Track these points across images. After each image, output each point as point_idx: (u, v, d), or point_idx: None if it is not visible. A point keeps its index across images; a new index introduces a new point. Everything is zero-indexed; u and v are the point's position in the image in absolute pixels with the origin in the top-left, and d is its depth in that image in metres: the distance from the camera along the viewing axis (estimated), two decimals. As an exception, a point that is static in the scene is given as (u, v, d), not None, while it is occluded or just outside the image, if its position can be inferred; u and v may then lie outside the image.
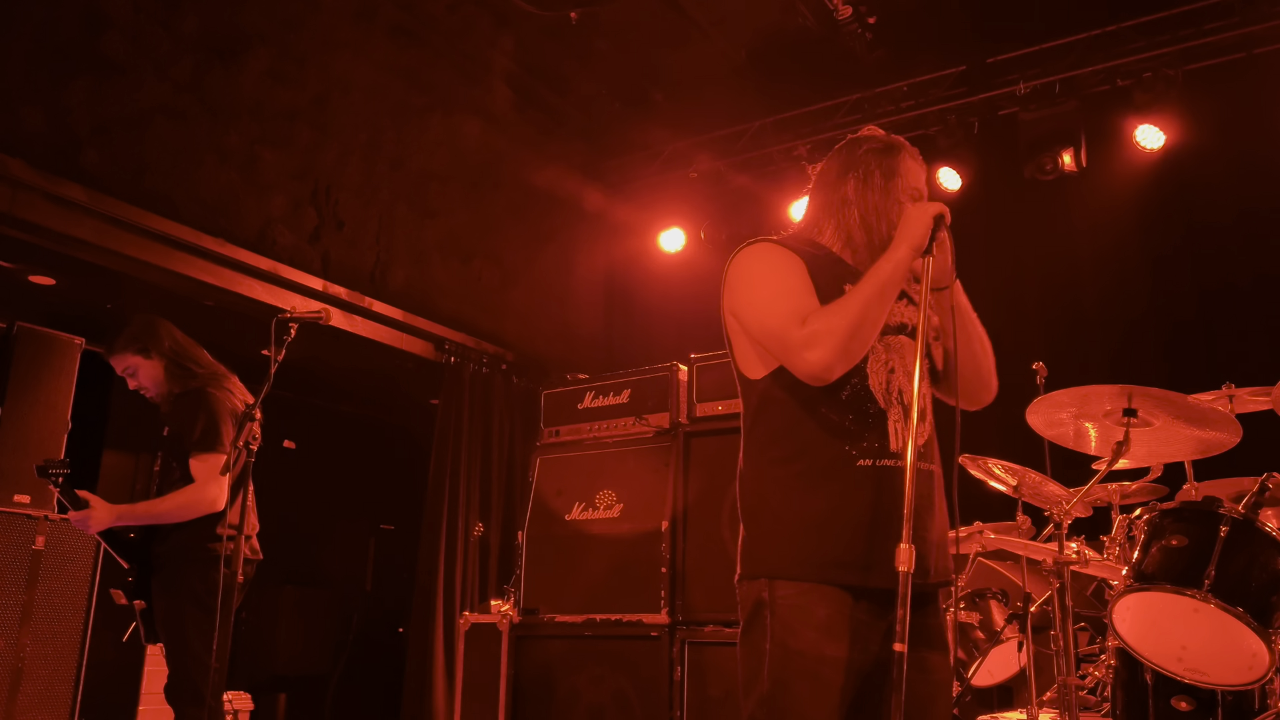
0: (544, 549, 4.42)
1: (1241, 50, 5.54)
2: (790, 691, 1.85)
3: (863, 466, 1.96)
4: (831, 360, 1.94)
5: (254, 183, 5.42)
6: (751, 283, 2.11)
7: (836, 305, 1.98)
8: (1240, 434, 2.97)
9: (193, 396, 3.49)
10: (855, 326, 1.94)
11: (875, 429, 1.99)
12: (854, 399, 2.00)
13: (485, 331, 6.78)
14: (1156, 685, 2.80)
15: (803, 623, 1.88)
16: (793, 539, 1.95)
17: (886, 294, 1.97)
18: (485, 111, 6.97)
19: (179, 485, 3.39)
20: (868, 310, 1.95)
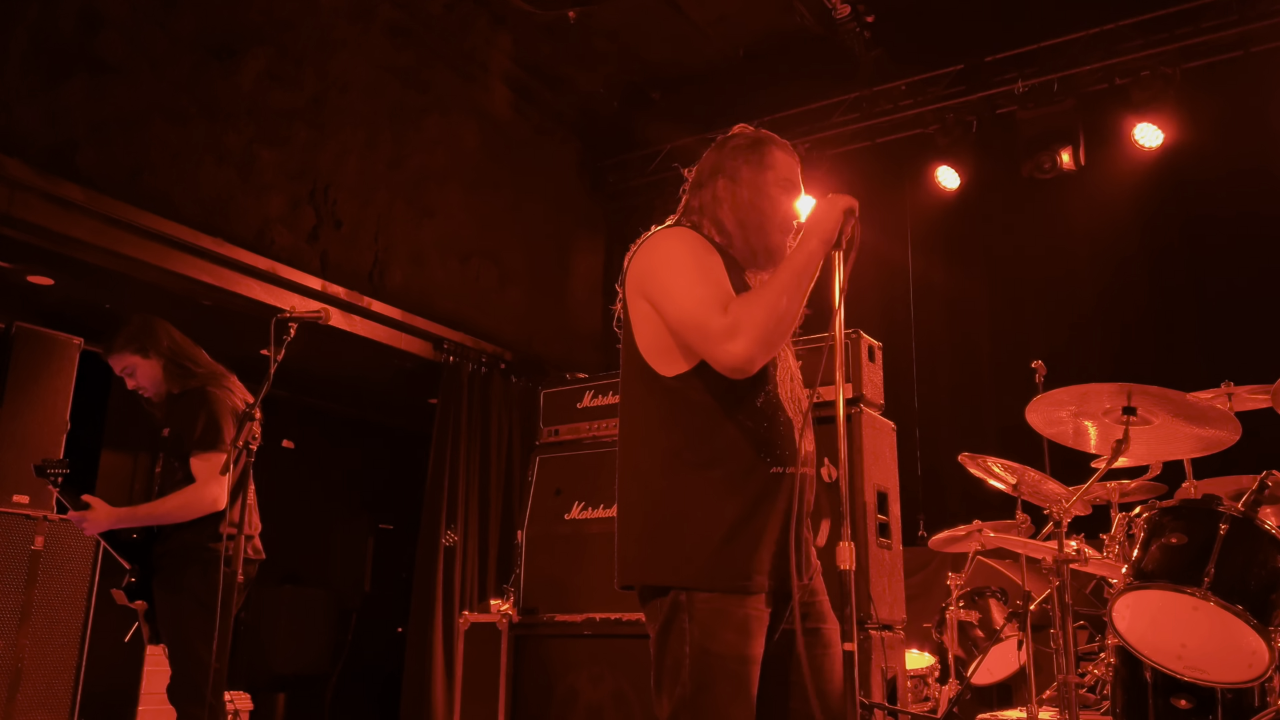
0: (543, 548, 4.42)
1: (1239, 48, 5.55)
2: (713, 692, 1.87)
3: (774, 474, 1.98)
4: (753, 351, 1.91)
5: (252, 182, 5.42)
6: (672, 267, 2.05)
7: (754, 295, 1.97)
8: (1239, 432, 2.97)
9: (193, 396, 3.48)
10: (776, 317, 1.92)
11: (785, 436, 2.00)
12: (767, 406, 2.01)
13: (484, 331, 6.78)
14: (1156, 683, 2.80)
15: (723, 626, 1.89)
16: (710, 548, 1.93)
17: (802, 285, 1.96)
18: (483, 110, 6.97)
19: (181, 485, 3.37)
20: (788, 301, 1.93)
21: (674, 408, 2.00)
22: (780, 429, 2.00)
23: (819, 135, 6.84)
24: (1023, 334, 6.00)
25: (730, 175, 2.19)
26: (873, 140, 6.69)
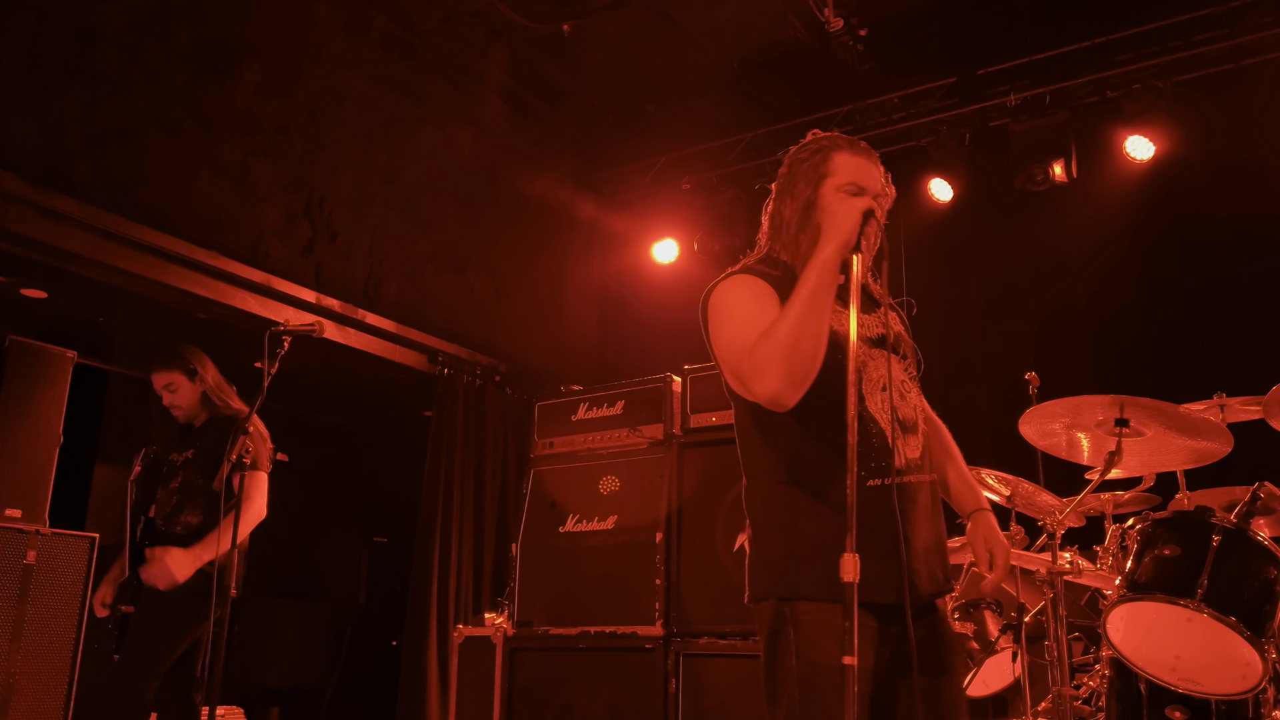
0: (538, 561, 4.42)
1: (1230, 62, 5.58)
2: (819, 703, 1.89)
3: (872, 487, 1.98)
4: (778, 386, 1.93)
5: (247, 195, 5.42)
6: (717, 320, 2.13)
7: (773, 328, 1.96)
8: (1232, 443, 2.98)
9: (228, 422, 3.72)
10: (792, 346, 1.91)
11: (878, 448, 2.00)
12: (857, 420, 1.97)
13: (479, 343, 6.78)
14: (1150, 695, 2.80)
15: (825, 636, 1.90)
16: (809, 561, 1.97)
17: (817, 299, 1.94)
18: (478, 123, 6.99)
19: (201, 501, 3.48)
20: (801, 324, 1.92)
21: (767, 428, 2.08)
22: (871, 440, 2.00)
23: (813, 148, 6.85)
24: (1016, 346, 6.01)
25: (791, 192, 2.20)
26: (866, 152, 6.71)
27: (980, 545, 2.15)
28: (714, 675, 3.81)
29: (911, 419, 2.09)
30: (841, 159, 2.15)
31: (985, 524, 2.17)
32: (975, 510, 2.21)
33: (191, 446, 3.75)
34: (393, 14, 6.26)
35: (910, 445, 2.06)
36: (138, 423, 6.76)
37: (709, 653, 3.84)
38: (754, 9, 6.35)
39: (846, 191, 2.11)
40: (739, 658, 3.77)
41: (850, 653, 1.72)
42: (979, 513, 2.20)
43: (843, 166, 2.15)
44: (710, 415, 4.22)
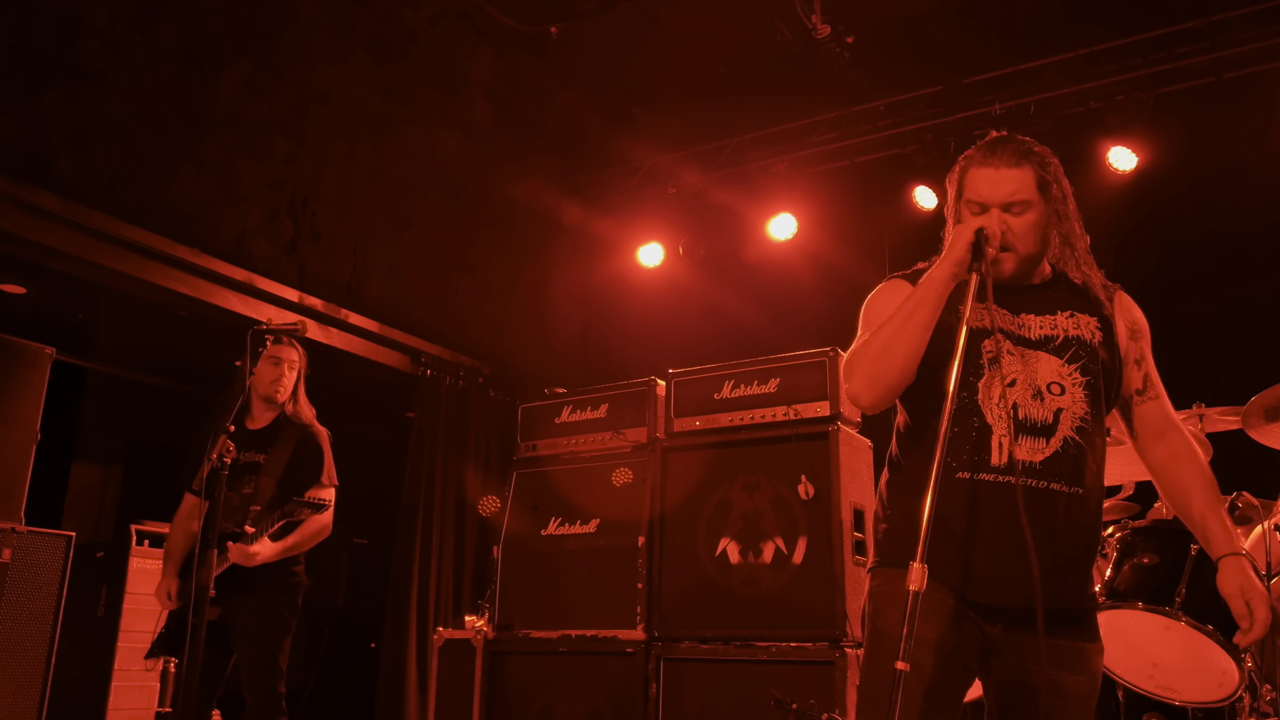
0: (519, 564, 4.40)
1: (1211, 75, 5.64)
2: (878, 669, 1.92)
3: (960, 479, 1.98)
4: (858, 389, 2.07)
5: (230, 193, 5.39)
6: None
7: (870, 335, 2.09)
8: (1210, 453, 3.01)
9: (313, 436, 3.83)
10: (877, 354, 2.03)
11: (980, 442, 1.99)
12: (960, 413, 1.99)
13: (462, 344, 6.76)
14: (1128, 702, 2.82)
15: (888, 604, 1.95)
16: (892, 536, 2.06)
17: (915, 314, 2.02)
18: (464, 124, 6.97)
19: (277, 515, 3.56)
20: (891, 336, 2.02)
21: (900, 416, 2.19)
22: (971, 435, 2.00)
23: (798, 154, 6.88)
24: (998, 353, 6.04)
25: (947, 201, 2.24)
26: (851, 160, 6.74)
27: (1236, 596, 1.97)
28: (695, 680, 3.81)
29: (1042, 421, 2.00)
30: (973, 174, 2.14)
31: (1236, 571, 2.00)
32: (1223, 555, 2.03)
33: (262, 450, 3.75)
34: (379, 13, 6.23)
35: (1026, 447, 1.98)
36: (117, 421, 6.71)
37: (690, 657, 3.84)
38: (741, 14, 6.36)
39: (971, 211, 2.12)
40: (721, 662, 3.77)
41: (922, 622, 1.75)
42: (1228, 558, 2.02)
43: (971, 182, 2.14)
44: (694, 419, 4.22)
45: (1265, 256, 5.50)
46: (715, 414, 4.15)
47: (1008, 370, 2.03)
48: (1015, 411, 2.00)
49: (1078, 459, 2.01)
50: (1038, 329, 2.10)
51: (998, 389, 2.02)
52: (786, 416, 3.96)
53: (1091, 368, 2.09)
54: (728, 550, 3.92)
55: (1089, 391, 2.07)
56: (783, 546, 3.79)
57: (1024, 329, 2.10)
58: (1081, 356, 2.09)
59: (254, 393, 3.82)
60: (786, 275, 6.88)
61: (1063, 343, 2.09)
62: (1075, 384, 2.06)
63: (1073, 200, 2.23)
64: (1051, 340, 2.09)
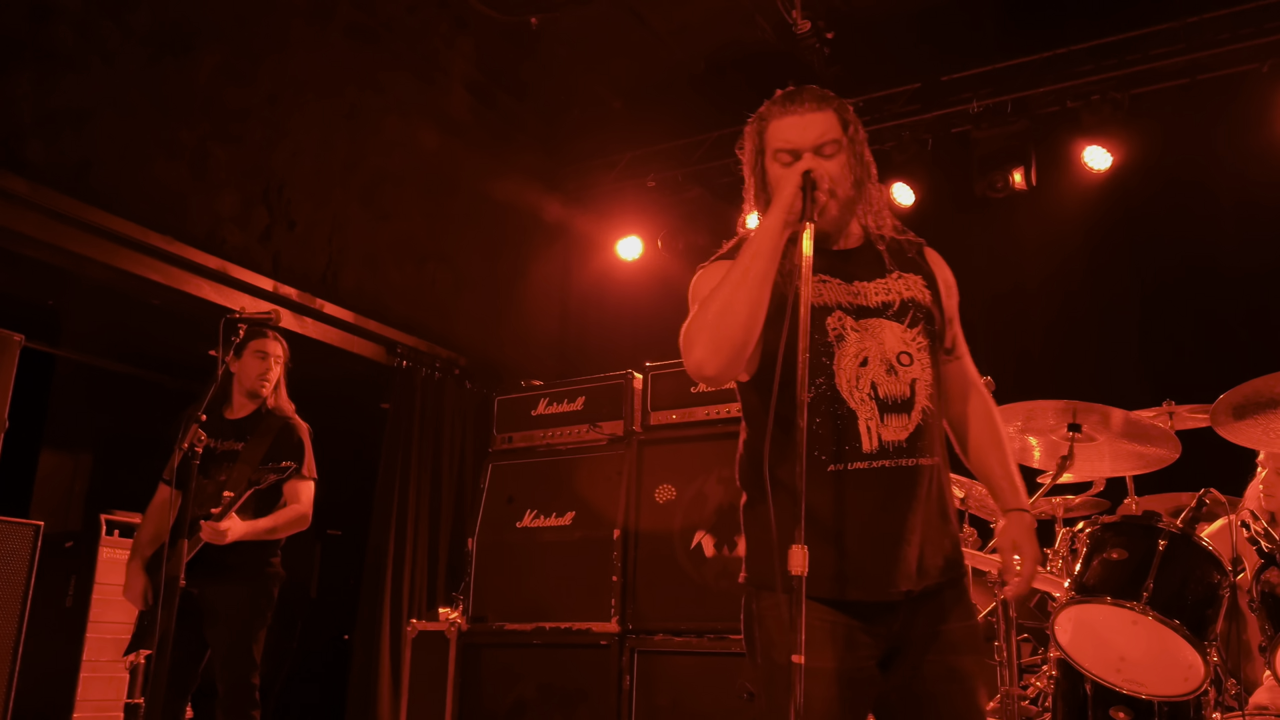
0: (494, 556, 4.39)
1: (1185, 76, 5.69)
2: (778, 706, 1.72)
3: (830, 473, 1.85)
4: (701, 357, 1.87)
5: (204, 180, 5.33)
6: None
7: (703, 301, 1.91)
8: (1180, 450, 3.05)
9: (294, 427, 3.81)
10: (717, 316, 1.85)
11: (846, 430, 1.87)
12: (819, 401, 1.87)
13: (438, 336, 6.72)
14: (1095, 696, 2.85)
15: (779, 628, 1.76)
16: (766, 548, 1.85)
17: (750, 269, 1.86)
18: (442, 115, 6.93)
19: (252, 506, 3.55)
20: (730, 295, 1.85)
21: (745, 413, 2.04)
22: (836, 423, 1.86)
23: (777, 149, 6.89)
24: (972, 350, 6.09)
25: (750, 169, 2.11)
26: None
27: (1008, 549, 1.95)
28: (669, 672, 3.82)
29: (901, 397, 1.90)
30: (776, 124, 2.04)
31: (1018, 526, 1.98)
32: (1009, 510, 2.03)
33: (240, 439, 3.73)
34: (357, 1, 6.18)
35: (892, 427, 1.88)
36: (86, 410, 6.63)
37: (664, 649, 3.85)
38: (722, 8, 6.36)
39: (781, 161, 2.01)
40: (694, 655, 3.78)
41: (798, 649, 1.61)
42: (1013, 513, 2.01)
43: (777, 131, 2.03)
44: (671, 413, 4.22)
45: (1236, 256, 5.57)
46: (691, 407, 4.16)
47: (858, 348, 1.93)
48: (875, 391, 1.90)
49: (934, 428, 1.96)
50: (874, 295, 1.99)
51: (851, 369, 1.91)
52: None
53: (929, 330, 2.01)
54: (702, 543, 3.93)
55: (931, 356, 2.00)
56: (757, 540, 3.80)
57: (860, 297, 1.98)
58: (919, 320, 2.00)
59: (237, 384, 3.81)
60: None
61: (900, 307, 1.99)
62: (920, 349, 1.97)
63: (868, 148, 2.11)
64: (889, 306, 1.98)
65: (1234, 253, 5.58)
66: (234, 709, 3.52)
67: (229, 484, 3.57)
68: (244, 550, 3.55)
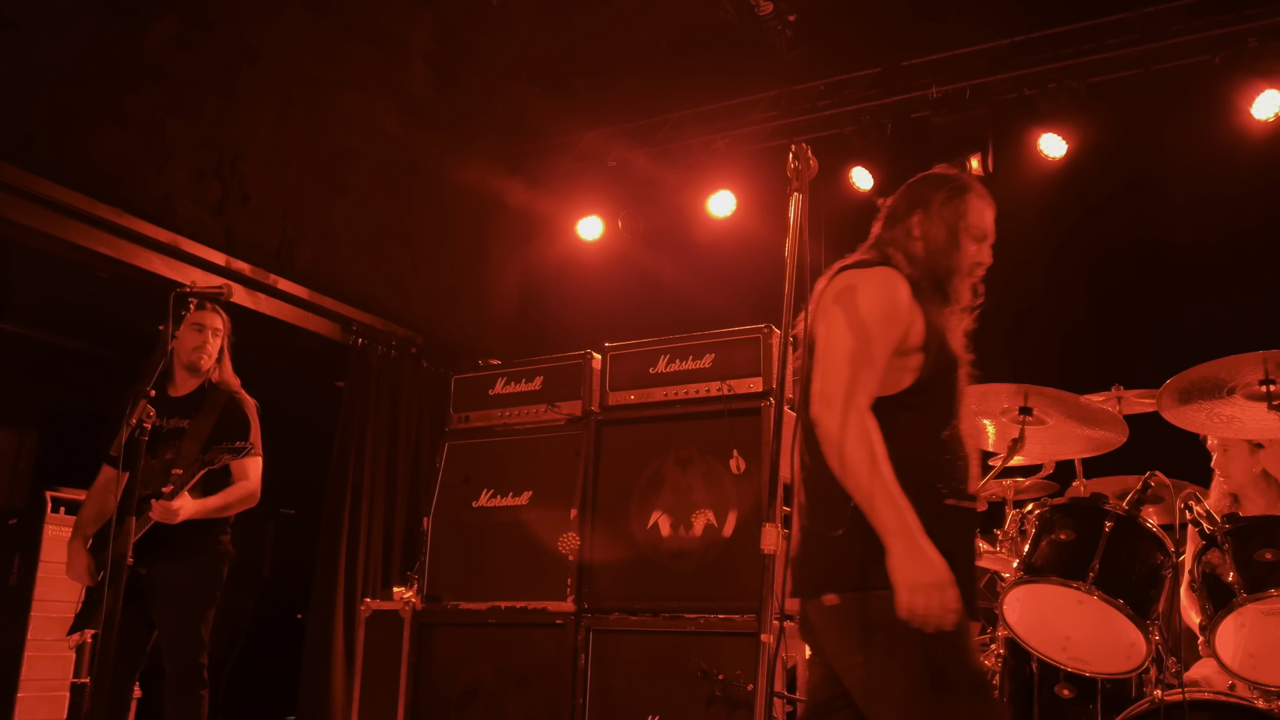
0: (450, 536, 4.37)
1: (1140, 66, 5.78)
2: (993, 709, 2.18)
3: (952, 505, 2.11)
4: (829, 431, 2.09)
5: (155, 151, 5.21)
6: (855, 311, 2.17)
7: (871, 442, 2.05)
8: (1127, 434, 3.11)
9: (239, 403, 3.75)
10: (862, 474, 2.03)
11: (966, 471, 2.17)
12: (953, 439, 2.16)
13: (395, 314, 6.66)
14: (1042, 674, 2.91)
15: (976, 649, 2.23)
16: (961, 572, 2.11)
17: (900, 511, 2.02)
18: (402, 90, 6.83)
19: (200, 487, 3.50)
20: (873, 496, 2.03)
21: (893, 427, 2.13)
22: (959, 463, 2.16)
23: (738, 131, 6.90)
24: (928, 334, 6.16)
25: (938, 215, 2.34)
26: (791, 139, 6.77)
27: None
28: (624, 651, 3.83)
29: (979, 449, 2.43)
30: (977, 205, 2.37)
31: None
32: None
33: (186, 416, 3.67)
34: (315, -29, 6.07)
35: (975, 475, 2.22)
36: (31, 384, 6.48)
37: (619, 629, 3.86)
38: (685, -12, 6.34)
39: (973, 237, 2.35)
40: (649, 633, 3.80)
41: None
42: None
43: (978, 213, 2.37)
44: (629, 393, 4.22)
45: (1186, 244, 5.68)
46: (650, 388, 4.16)
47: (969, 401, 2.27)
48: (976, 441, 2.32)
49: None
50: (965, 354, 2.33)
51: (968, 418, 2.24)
52: (720, 392, 3.98)
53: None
54: (659, 523, 3.94)
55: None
56: (713, 520, 3.82)
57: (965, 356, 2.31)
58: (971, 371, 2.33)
59: (176, 359, 3.73)
60: (725, 251, 6.90)
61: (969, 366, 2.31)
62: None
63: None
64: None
65: (1185, 239, 5.70)
66: (182, 689, 3.48)
67: (177, 462, 3.52)
68: (191, 528, 3.50)
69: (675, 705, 3.62)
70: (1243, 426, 2.94)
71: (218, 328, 3.77)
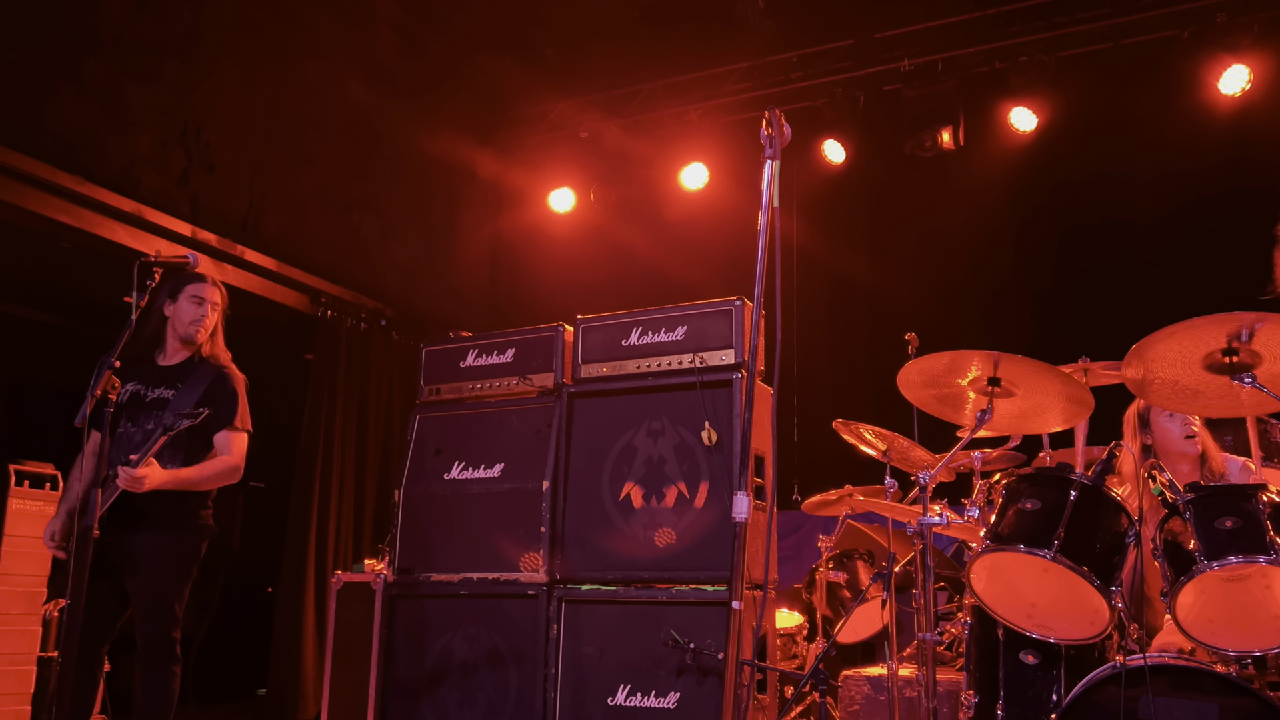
0: (421, 508, 4.35)
1: (1110, 41, 5.81)
2: None
3: None
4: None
5: (117, 119, 5.10)
6: None
7: None
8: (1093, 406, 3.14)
9: (227, 376, 3.70)
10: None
11: None
12: None
13: (364, 286, 6.59)
14: (1007, 640, 2.96)
15: None
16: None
17: None
18: (370, 58, 6.73)
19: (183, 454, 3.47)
20: None
21: None
22: None
23: (712, 103, 6.87)
24: (899, 304, 6.20)
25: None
26: (763, 110, 6.75)
27: None
28: (596, 621, 3.85)
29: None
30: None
31: None
32: None
33: (172, 386, 3.60)
34: (280, -65, 5.95)
35: None
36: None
37: (592, 599, 3.87)
38: (658, -43, 6.27)
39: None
40: (621, 604, 3.81)
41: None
42: None
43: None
44: (602, 365, 4.21)
45: (1151, 219, 5.74)
46: (622, 360, 4.15)
47: None
48: None
49: None
50: None
51: None
52: (692, 364, 3.98)
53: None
54: (631, 495, 3.94)
55: None
56: (685, 491, 3.83)
57: None
58: None
59: (171, 330, 3.70)
60: (698, 223, 6.89)
61: None
62: None
63: None
64: None
65: (1150, 213, 5.76)
66: (153, 663, 3.44)
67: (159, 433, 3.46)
68: (167, 500, 3.44)
69: (647, 674, 3.65)
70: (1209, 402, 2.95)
71: (216, 301, 3.77)
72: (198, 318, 3.68)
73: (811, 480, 5.71)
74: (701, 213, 6.87)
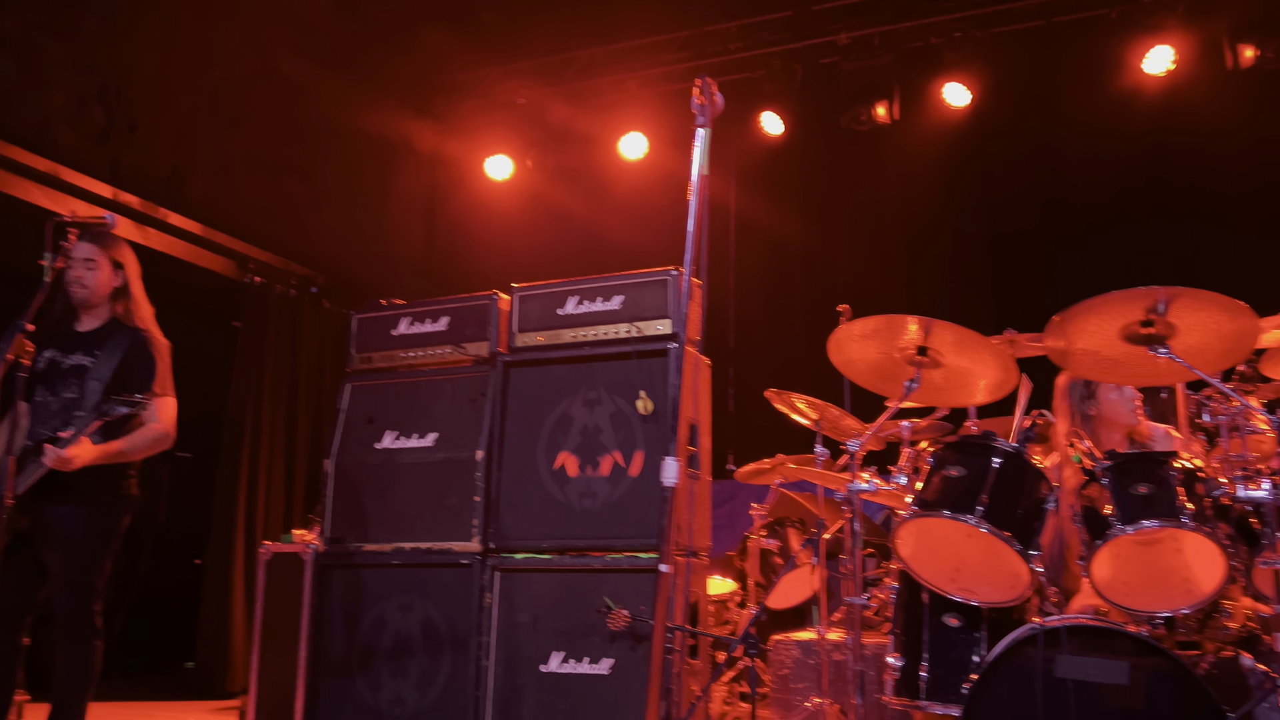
0: (353, 478, 4.30)
1: (1042, 18, 5.91)
2: None
3: None
4: None
5: (31, 74, 4.89)
6: None
7: None
8: (1018, 376, 3.22)
9: (146, 343, 3.54)
10: None
11: None
12: None
13: (294, 252, 6.45)
14: (932, 604, 3.03)
15: None
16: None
17: None
18: (300, 18, 6.54)
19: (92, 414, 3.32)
20: None
21: None
22: None
23: (650, 71, 6.83)
24: (834, 277, 6.27)
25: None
26: (702, 80, 6.74)
27: None
28: (530, 589, 3.85)
29: None
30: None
31: None
32: None
33: (89, 353, 3.44)
34: (204, -114, 5.73)
35: None
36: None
37: (525, 568, 3.88)
38: (597, -79, 6.20)
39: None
40: (555, 572, 3.82)
41: None
42: None
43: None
44: (537, 334, 4.18)
45: (1081, 197, 5.88)
46: (558, 329, 4.13)
47: None
48: None
49: None
50: None
51: None
52: (629, 333, 3.98)
53: None
54: (566, 464, 3.94)
55: None
56: (620, 460, 3.84)
57: None
58: None
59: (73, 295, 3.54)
60: (637, 191, 6.87)
61: None
62: None
63: None
64: None
65: (1078, 190, 5.90)
66: (72, 637, 3.34)
67: (79, 403, 3.34)
68: (92, 471, 3.33)
69: (581, 641, 3.67)
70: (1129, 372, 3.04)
71: (90, 258, 3.51)
72: (75, 278, 3.49)
73: (747, 450, 5.76)
74: (641, 181, 6.85)
